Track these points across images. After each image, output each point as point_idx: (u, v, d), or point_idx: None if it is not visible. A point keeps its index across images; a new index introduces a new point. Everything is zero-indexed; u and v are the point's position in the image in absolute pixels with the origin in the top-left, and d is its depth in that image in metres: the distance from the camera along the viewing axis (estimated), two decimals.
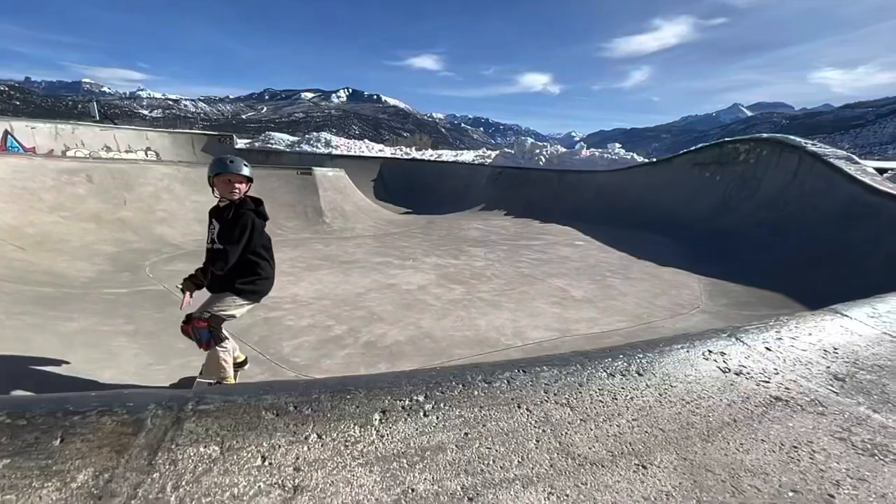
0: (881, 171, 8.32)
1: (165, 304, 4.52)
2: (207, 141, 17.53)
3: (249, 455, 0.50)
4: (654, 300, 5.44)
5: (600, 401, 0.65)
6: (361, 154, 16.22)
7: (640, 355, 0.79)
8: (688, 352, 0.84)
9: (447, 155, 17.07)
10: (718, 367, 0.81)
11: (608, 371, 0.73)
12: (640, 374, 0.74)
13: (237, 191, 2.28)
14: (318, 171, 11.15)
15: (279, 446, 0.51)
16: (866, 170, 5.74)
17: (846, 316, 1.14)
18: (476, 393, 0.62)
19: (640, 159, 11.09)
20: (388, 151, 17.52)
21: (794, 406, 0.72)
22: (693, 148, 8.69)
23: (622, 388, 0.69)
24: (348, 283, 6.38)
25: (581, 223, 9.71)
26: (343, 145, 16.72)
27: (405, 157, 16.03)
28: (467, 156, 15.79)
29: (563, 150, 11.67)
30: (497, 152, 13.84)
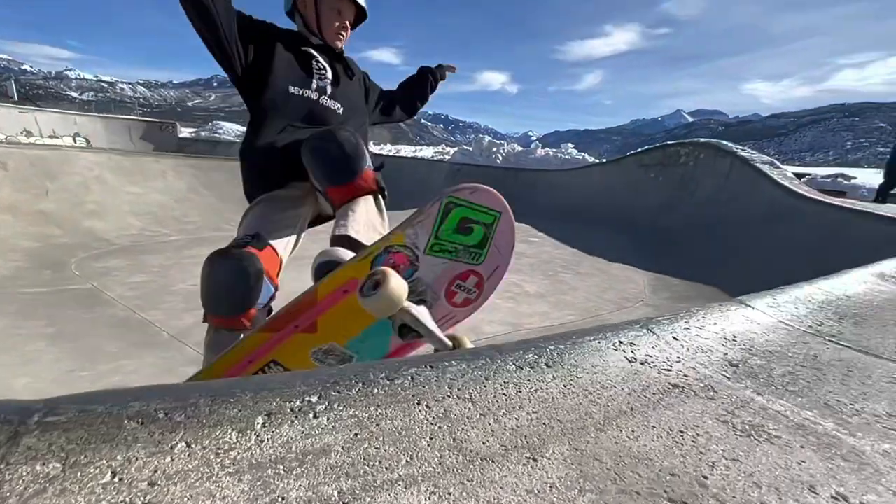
0: (800, 175, 9.29)
1: (95, 303, 4.16)
2: (147, 128, 16.27)
3: (97, 471, 0.44)
4: (603, 294, 5.69)
5: (504, 394, 0.64)
6: None
7: (552, 347, 0.80)
8: (599, 342, 0.86)
9: (406, 150, 16.93)
10: (625, 357, 0.83)
11: (517, 364, 0.73)
12: (548, 366, 0.74)
13: (345, 34, 1.53)
14: None
15: (136, 459, 0.46)
16: (786, 174, 6.34)
17: (749, 306, 1.23)
18: (376, 391, 0.59)
19: (591, 159, 11.54)
20: None
21: (688, 392, 0.75)
22: (639, 150, 9.16)
23: (528, 380, 0.69)
24: (300, 281, 6.14)
25: (536, 220, 9.96)
26: None
27: None
28: (426, 151, 15.76)
29: (520, 148, 11.95)
30: (456, 149, 13.93)
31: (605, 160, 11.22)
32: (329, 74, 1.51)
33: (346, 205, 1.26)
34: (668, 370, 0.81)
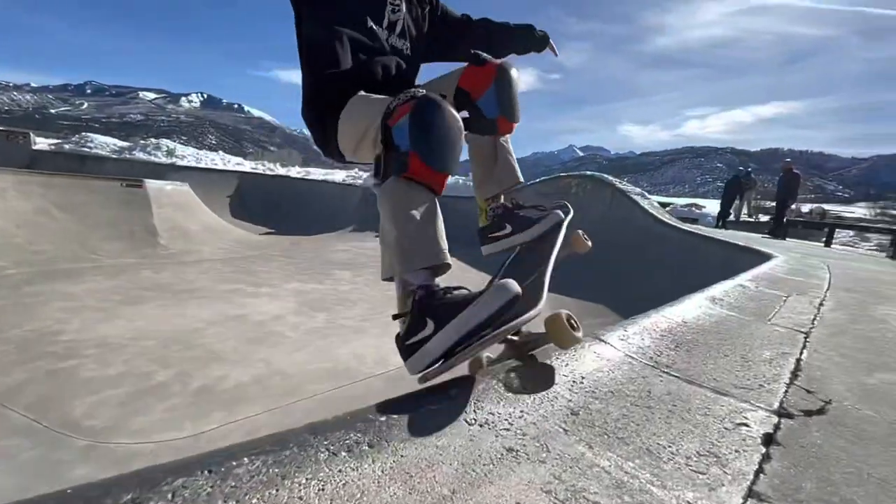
0: (664, 204, 11.07)
1: None
2: None
3: None
4: None
5: (300, 498, 0.53)
6: (215, 167, 14.36)
7: (383, 419, 0.72)
8: (440, 405, 0.80)
9: (317, 173, 16.30)
10: (465, 420, 0.78)
11: (332, 449, 0.63)
12: (371, 447, 0.65)
13: None
14: (151, 183, 9.48)
15: None
16: (654, 204, 7.40)
17: (602, 341, 1.30)
18: None
19: None
20: (248, 165, 15.90)
21: (521, 457, 0.72)
22: (538, 180, 10.01)
23: (339, 471, 0.59)
24: (183, 317, 5.44)
25: (448, 244, 10.17)
26: (191, 155, 14.56)
27: (269, 172, 14.75)
28: (338, 175, 15.37)
29: None
30: (368, 173, 13.79)
31: None
32: (402, 6, 1.31)
33: (507, 146, 1.39)
34: (508, 430, 0.78)
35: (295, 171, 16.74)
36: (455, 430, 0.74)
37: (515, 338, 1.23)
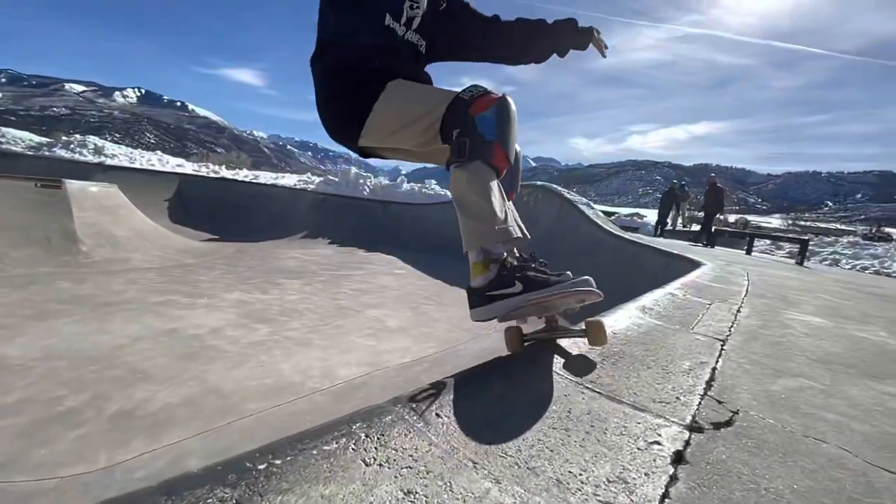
0: (609, 214, 11.73)
1: None
2: None
3: None
4: (461, 324, 5.89)
5: None
6: (151, 168, 13.30)
7: (262, 466, 0.63)
8: (338, 441, 0.73)
9: (266, 177, 15.58)
10: (363, 461, 0.71)
11: None
12: None
13: None
14: (72, 184, 8.67)
15: None
16: (598, 214, 7.76)
17: (531, 357, 1.28)
18: None
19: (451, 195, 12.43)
20: (189, 167, 14.89)
21: (420, 500, 0.66)
22: None
23: None
24: (104, 333, 4.98)
25: (403, 252, 10.08)
26: (124, 154, 13.40)
27: (213, 175, 13.89)
28: (289, 179, 14.80)
29: (386, 182, 12.21)
30: (321, 178, 13.43)
31: None
32: (422, 2, 1.29)
33: (511, 205, 1.42)
34: (411, 468, 0.72)
35: (243, 175, 15.91)
36: (348, 473, 0.67)
37: (561, 325, 1.43)
